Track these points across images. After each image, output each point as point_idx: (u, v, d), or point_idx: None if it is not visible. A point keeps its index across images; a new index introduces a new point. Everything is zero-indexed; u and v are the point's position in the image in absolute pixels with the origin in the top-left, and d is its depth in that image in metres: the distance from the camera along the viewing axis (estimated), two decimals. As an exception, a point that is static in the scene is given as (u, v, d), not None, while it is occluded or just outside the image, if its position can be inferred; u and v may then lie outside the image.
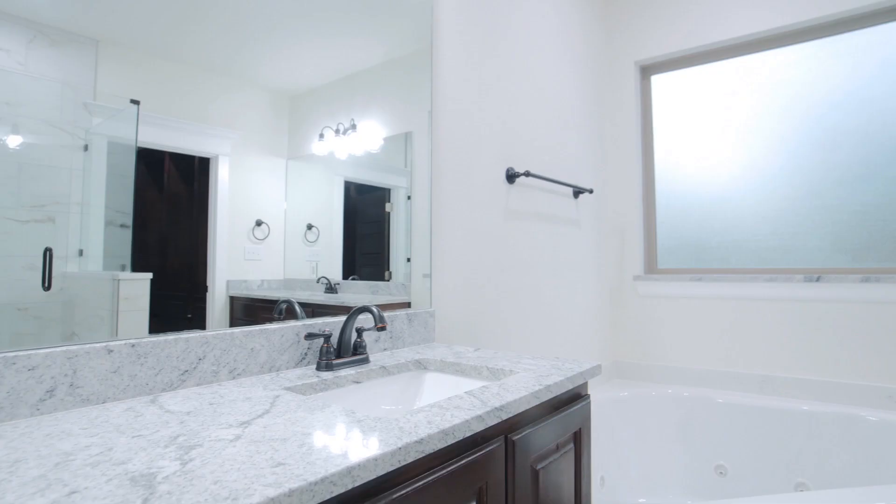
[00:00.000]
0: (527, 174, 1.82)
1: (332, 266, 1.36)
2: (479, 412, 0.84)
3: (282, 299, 1.21)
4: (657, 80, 2.66)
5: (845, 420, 1.95)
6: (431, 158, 1.57)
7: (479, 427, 0.83)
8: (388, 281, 1.50)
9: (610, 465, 2.08)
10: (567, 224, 2.24)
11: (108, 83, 0.94)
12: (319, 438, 0.70)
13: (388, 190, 1.52)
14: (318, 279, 1.32)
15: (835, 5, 2.17)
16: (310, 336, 1.14)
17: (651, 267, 2.61)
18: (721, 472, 2.12)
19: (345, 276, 1.39)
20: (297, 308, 1.23)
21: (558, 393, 1.05)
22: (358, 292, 1.41)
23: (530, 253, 1.99)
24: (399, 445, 0.69)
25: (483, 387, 0.99)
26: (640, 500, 2.11)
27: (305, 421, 0.78)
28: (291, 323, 1.18)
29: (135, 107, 0.99)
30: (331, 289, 1.35)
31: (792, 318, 2.21)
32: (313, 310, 1.29)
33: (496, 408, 0.87)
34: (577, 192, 2.26)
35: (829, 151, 2.22)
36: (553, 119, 2.18)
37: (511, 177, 1.84)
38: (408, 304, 1.51)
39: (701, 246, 2.50)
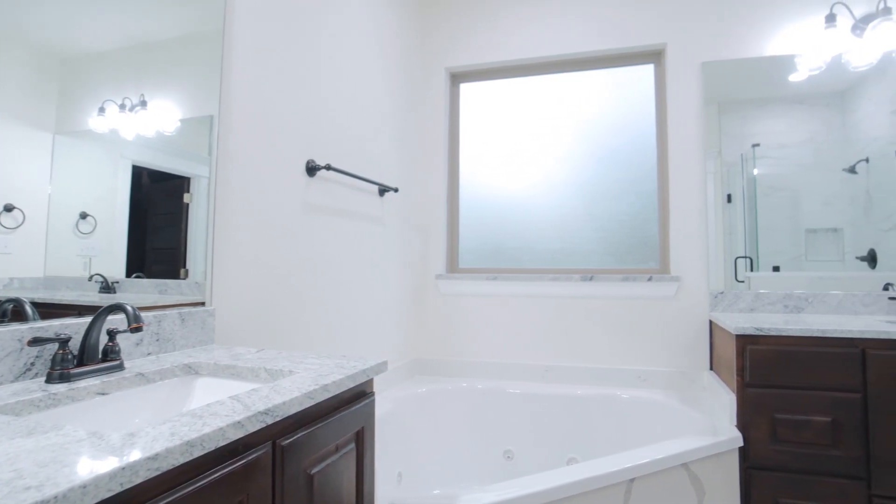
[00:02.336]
0: (328, 167, 1.76)
1: (114, 262, 1.16)
2: (238, 418, 0.76)
3: (6, 298, 0.97)
4: (466, 89, 2.83)
5: (605, 399, 2.29)
6: (218, 143, 1.43)
7: (237, 434, 0.75)
8: (185, 279, 1.33)
9: (408, 461, 2.13)
10: (371, 221, 2.24)
11: None
12: (10, 471, 0.56)
13: (188, 179, 1.35)
14: (91, 277, 1.11)
15: (607, 43, 2.54)
16: (37, 341, 0.93)
17: (452, 266, 2.76)
18: (509, 457, 2.32)
19: (129, 274, 1.20)
20: (28, 308, 1.01)
21: (338, 392, 1.01)
22: (142, 291, 1.22)
23: (332, 249, 1.94)
24: (122, 465, 0.58)
25: (252, 390, 0.91)
26: (435, 491, 2.20)
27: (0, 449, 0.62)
28: (13, 326, 0.95)
29: None
30: (107, 288, 1.15)
31: (570, 313, 2.51)
32: (80, 312, 1.08)
33: (261, 412, 0.80)
34: (383, 190, 2.27)
35: (604, 168, 2.59)
36: (361, 115, 2.16)
37: (311, 169, 1.76)
38: (202, 304, 1.36)
39: (498, 247, 2.72)
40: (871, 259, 2.23)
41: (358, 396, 1.14)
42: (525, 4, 2.66)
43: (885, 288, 2.20)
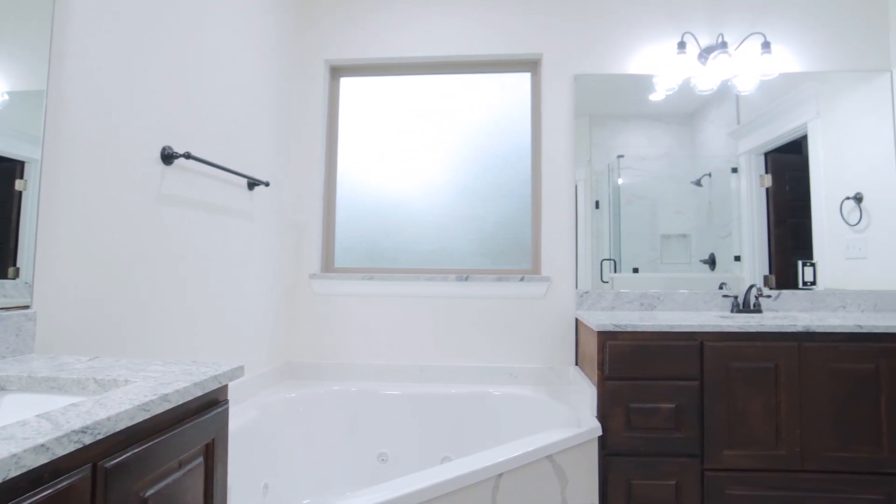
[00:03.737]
0: (187, 156, 1.61)
1: None
2: (43, 440, 0.64)
3: None
4: (346, 83, 2.75)
5: (479, 397, 2.34)
6: (46, 120, 1.23)
7: (40, 460, 0.64)
8: (15, 279, 1.14)
9: (275, 471, 2.02)
10: (239, 216, 2.09)
11: None
12: None
13: (22, 163, 1.16)
14: None
15: (488, 48, 2.61)
16: None
17: (328, 265, 2.67)
18: (383, 459, 2.28)
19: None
20: None
21: (182, 401, 0.91)
22: (-51, 294, 1.01)
23: (193, 245, 1.77)
24: None
25: (70, 405, 0.79)
26: (305, 502, 2.11)
27: None
28: None
29: None
30: None
31: (446, 313, 2.54)
32: None
33: (77, 430, 0.69)
34: (253, 183, 2.13)
35: (483, 170, 2.66)
36: (230, 103, 2.00)
37: (168, 157, 1.59)
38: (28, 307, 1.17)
39: (375, 246, 2.68)
40: (712, 262, 2.52)
41: (208, 405, 1.04)
42: (409, 2, 2.65)
43: (721, 287, 2.49)
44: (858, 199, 2.48)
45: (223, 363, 1.12)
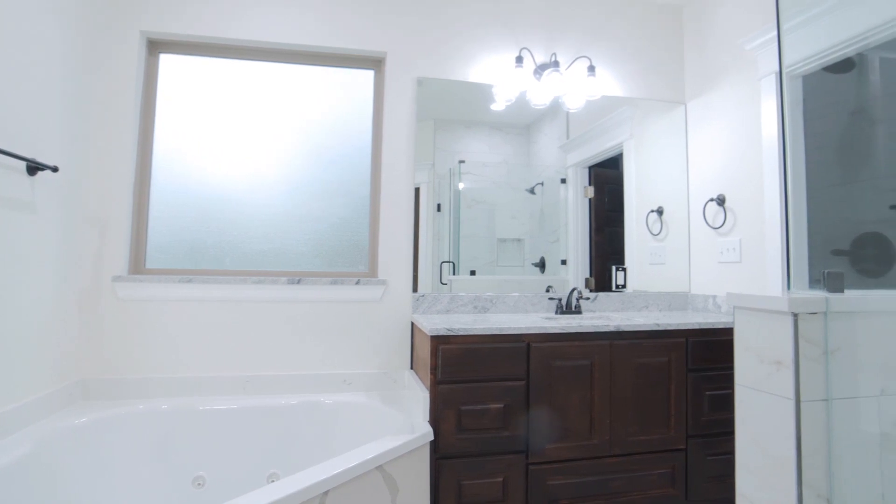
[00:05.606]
0: (-78, 128, 1.26)
1: None
2: None
3: None
4: (167, 60, 2.43)
5: (309, 407, 2.21)
6: None
7: None
8: None
9: (55, 513, 1.69)
10: (14, 207, 1.71)
11: None
12: None
13: None
14: None
15: (333, 41, 2.49)
16: None
17: (138, 266, 2.32)
18: (199, 484, 2.04)
19: None
20: None
21: None
22: None
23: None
24: None
25: None
26: (94, 545, 1.81)
27: None
28: None
29: None
30: None
31: (276, 318, 2.37)
32: None
33: None
34: (35, 167, 1.76)
35: (320, 168, 2.53)
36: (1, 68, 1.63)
37: None
38: None
39: (196, 245, 2.40)
40: (542, 265, 2.70)
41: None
42: (245, -20, 2.43)
43: (548, 290, 2.68)
44: (660, 212, 2.83)
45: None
